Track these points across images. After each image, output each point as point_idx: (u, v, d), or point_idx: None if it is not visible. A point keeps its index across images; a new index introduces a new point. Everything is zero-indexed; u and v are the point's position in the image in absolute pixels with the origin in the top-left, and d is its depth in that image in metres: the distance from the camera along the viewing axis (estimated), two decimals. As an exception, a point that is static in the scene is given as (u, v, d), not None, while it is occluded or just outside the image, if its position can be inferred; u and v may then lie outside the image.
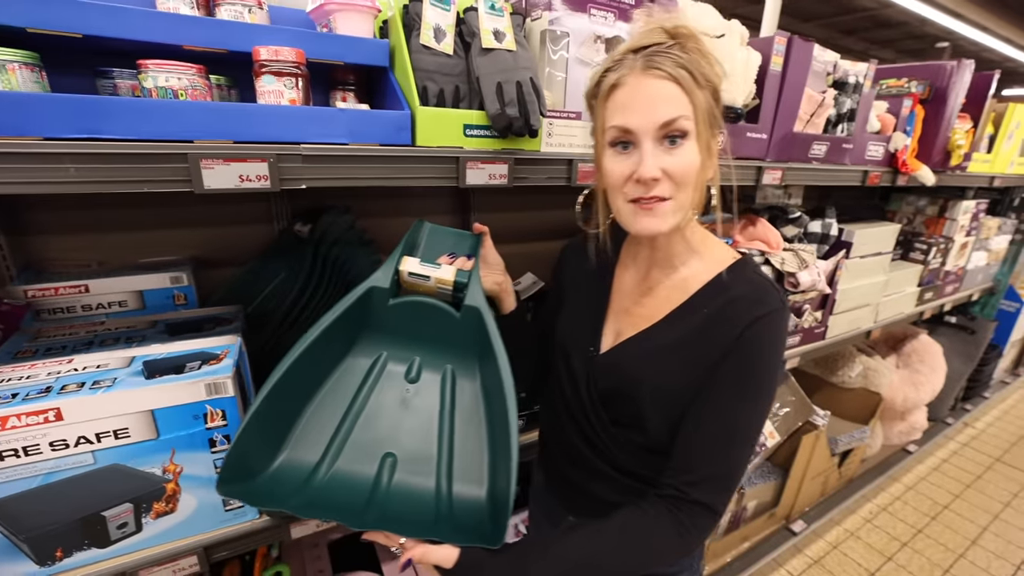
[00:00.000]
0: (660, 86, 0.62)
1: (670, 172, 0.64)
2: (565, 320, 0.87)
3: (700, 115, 0.63)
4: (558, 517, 0.92)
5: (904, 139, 1.61)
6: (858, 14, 7.77)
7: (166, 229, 1.15)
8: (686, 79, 0.62)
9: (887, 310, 1.97)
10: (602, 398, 0.78)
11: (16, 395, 0.68)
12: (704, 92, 0.63)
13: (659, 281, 0.77)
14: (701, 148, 0.64)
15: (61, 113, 0.59)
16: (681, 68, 0.62)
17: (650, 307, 0.77)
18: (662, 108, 0.62)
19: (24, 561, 0.73)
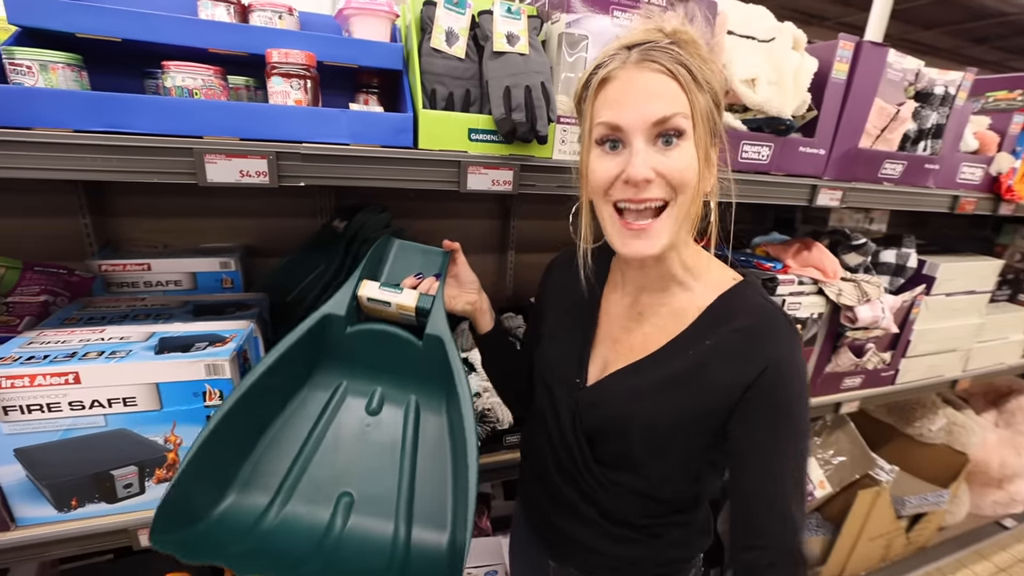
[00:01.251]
0: (656, 80, 0.56)
1: (664, 173, 0.57)
2: (548, 347, 0.79)
3: (699, 116, 0.57)
4: (542, 565, 0.84)
5: (1011, 161, 1.37)
6: (992, 20, 6.83)
7: (225, 218, 1.26)
8: (684, 76, 0.56)
9: (981, 358, 1.69)
10: (588, 436, 0.71)
11: (47, 357, 0.77)
12: (704, 95, 0.57)
13: (651, 307, 0.69)
14: (699, 154, 0.57)
15: (87, 109, 0.65)
16: (680, 65, 0.56)
17: (641, 336, 0.69)
18: (656, 103, 0.56)
19: (45, 504, 0.81)
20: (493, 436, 1.08)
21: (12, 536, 0.80)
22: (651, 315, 0.69)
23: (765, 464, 0.60)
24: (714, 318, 0.64)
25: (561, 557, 0.80)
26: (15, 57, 0.65)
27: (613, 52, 0.59)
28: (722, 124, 0.62)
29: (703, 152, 0.58)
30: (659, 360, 0.66)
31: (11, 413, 0.75)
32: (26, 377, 0.74)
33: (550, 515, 0.79)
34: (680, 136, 0.57)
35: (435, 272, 0.82)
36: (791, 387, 0.60)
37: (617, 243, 0.62)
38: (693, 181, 0.57)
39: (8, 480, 0.78)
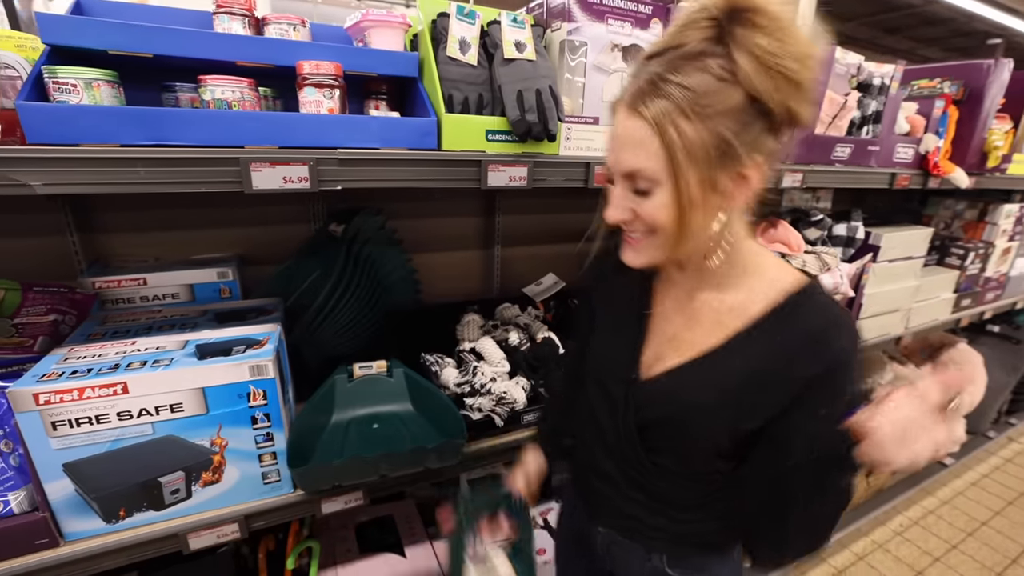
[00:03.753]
0: (632, 129, 0.55)
1: (639, 216, 0.59)
2: (600, 341, 0.80)
3: (684, 157, 0.53)
4: (589, 528, 0.90)
5: (935, 141, 1.59)
6: (902, 11, 7.49)
7: (215, 229, 1.27)
8: (664, 115, 0.52)
9: (919, 316, 1.93)
10: (641, 426, 0.73)
11: (91, 370, 0.78)
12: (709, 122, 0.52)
13: (707, 304, 0.68)
14: (689, 192, 0.54)
15: (136, 123, 0.68)
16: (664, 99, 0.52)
17: (698, 332, 0.68)
18: (627, 155, 0.56)
19: (93, 517, 0.82)
20: (512, 416, 1.16)
21: (61, 552, 0.81)
22: (707, 311, 0.68)
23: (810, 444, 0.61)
24: (780, 317, 0.63)
25: (608, 523, 0.85)
26: (58, 76, 0.67)
27: (637, 67, 0.58)
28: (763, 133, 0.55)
29: (697, 188, 0.54)
30: (719, 357, 0.65)
31: (60, 428, 0.76)
32: (75, 391, 0.75)
33: (599, 490, 0.83)
34: (653, 184, 0.56)
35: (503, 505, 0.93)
36: (850, 379, 0.62)
37: (623, 249, 0.67)
38: (673, 224, 0.57)
39: (56, 496, 0.79)
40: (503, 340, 1.33)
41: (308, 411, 1.04)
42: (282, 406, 0.90)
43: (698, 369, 0.67)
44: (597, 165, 1.01)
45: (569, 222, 1.74)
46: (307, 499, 0.97)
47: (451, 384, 1.18)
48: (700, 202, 0.55)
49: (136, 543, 0.85)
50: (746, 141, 0.54)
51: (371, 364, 1.15)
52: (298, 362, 1.12)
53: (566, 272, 1.63)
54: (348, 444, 1.05)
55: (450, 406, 1.06)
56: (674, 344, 0.71)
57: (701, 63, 0.52)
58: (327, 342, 1.19)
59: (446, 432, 1.01)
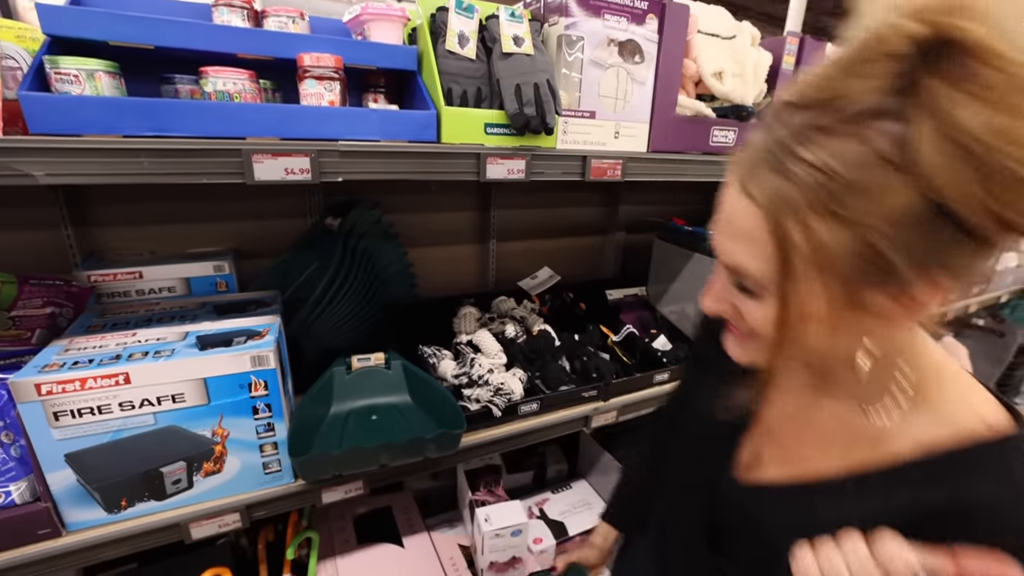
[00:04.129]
0: (739, 212, 0.40)
1: (742, 315, 0.45)
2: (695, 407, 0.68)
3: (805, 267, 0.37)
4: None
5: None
6: (891, 9, 7.60)
7: (210, 222, 1.27)
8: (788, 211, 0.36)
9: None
10: (713, 527, 0.61)
11: (92, 360, 0.79)
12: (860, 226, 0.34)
13: (838, 416, 0.51)
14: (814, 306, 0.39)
15: (138, 113, 0.69)
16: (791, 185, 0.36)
17: (815, 447, 0.53)
18: (727, 245, 0.43)
19: (95, 507, 0.83)
20: (510, 407, 1.18)
21: (64, 542, 0.82)
22: (834, 426, 0.52)
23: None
24: (947, 469, 0.43)
25: None
26: (60, 66, 0.68)
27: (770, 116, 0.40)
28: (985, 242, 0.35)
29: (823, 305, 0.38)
30: (834, 493, 0.49)
31: (62, 418, 0.77)
32: (76, 381, 0.76)
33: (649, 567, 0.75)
34: (760, 289, 0.42)
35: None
36: None
37: None
38: (785, 342, 0.42)
39: (58, 486, 0.80)
40: (500, 333, 1.35)
41: (307, 403, 1.05)
42: (283, 396, 0.91)
43: (803, 498, 0.52)
44: (594, 159, 1.03)
45: (563, 216, 1.76)
46: (308, 489, 0.98)
47: (449, 376, 1.20)
48: (825, 320, 0.39)
49: (138, 533, 0.86)
50: (919, 255, 0.35)
51: (369, 356, 1.16)
52: (296, 355, 1.13)
53: (561, 266, 1.65)
54: (347, 435, 1.07)
55: (448, 397, 1.08)
56: (779, 451, 0.56)
57: (861, 132, 0.33)
58: (324, 335, 1.21)
59: (444, 423, 1.03)
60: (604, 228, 1.85)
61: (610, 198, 1.81)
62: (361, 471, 1.01)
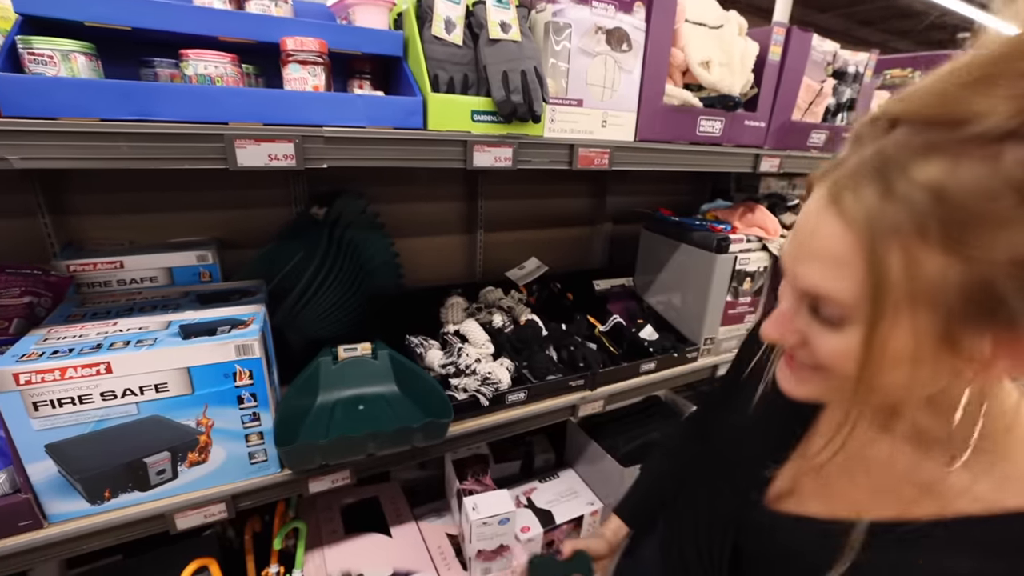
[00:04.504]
0: (825, 231, 0.36)
1: (811, 347, 0.41)
2: (734, 426, 0.65)
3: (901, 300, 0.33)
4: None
5: (906, 128, 1.66)
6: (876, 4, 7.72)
7: (191, 212, 1.26)
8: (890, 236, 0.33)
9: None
10: (740, 548, 0.58)
11: (72, 350, 0.78)
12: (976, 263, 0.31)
13: (895, 459, 0.47)
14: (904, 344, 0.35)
15: (117, 96, 0.68)
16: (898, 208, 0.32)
17: (866, 488, 0.49)
18: (806, 268, 0.39)
19: (77, 499, 0.83)
20: (497, 396, 1.19)
21: (45, 533, 0.82)
22: (889, 469, 0.47)
23: None
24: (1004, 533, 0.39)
25: None
26: (34, 47, 0.66)
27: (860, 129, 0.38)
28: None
29: (912, 342, 0.35)
30: (880, 540, 0.44)
31: (41, 408, 0.76)
32: (56, 371, 0.75)
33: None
34: (836, 322, 0.38)
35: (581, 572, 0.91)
36: None
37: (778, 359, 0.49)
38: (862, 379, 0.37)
39: (39, 477, 0.79)
40: (487, 323, 1.37)
41: (293, 393, 1.05)
42: (268, 386, 0.91)
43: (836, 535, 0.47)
44: (581, 147, 1.04)
45: (550, 207, 1.77)
46: (294, 478, 0.99)
47: (436, 366, 1.21)
48: (911, 359, 0.36)
49: (122, 524, 0.86)
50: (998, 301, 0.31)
51: (356, 346, 1.17)
52: (281, 345, 1.13)
53: (548, 256, 1.66)
54: (334, 425, 1.07)
55: (435, 386, 1.09)
56: (823, 485, 0.52)
57: (990, 155, 0.30)
58: (310, 325, 1.21)
59: (432, 412, 1.04)
60: (591, 218, 1.87)
61: (597, 188, 1.83)
62: (348, 460, 1.02)
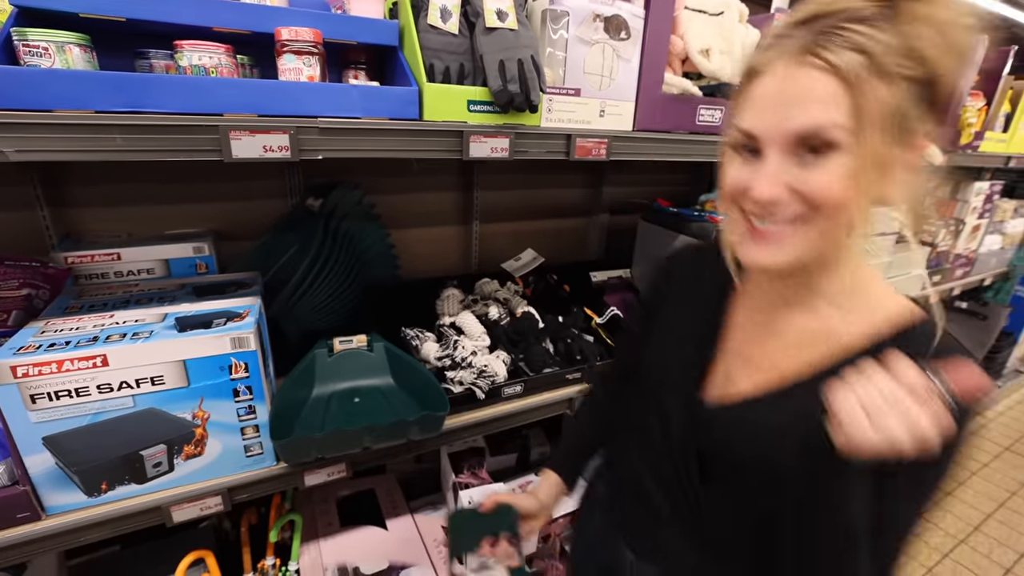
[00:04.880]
0: (810, 80, 0.48)
1: (802, 191, 0.50)
2: (662, 347, 0.74)
3: (871, 120, 0.47)
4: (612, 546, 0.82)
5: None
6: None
7: (189, 203, 1.28)
8: (855, 69, 0.46)
9: (891, 291, 2.04)
10: (701, 455, 0.66)
11: (69, 343, 0.80)
12: (894, 85, 0.47)
13: (794, 323, 0.61)
14: (866, 163, 0.48)
15: (111, 88, 0.69)
16: (857, 52, 0.46)
17: (778, 357, 0.61)
18: (801, 111, 0.49)
19: (75, 491, 0.85)
20: (493, 389, 1.22)
21: (43, 525, 0.84)
22: (793, 332, 0.61)
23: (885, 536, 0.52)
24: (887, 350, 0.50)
25: (643, 556, 0.77)
26: (29, 38, 0.67)
27: (785, 29, 0.51)
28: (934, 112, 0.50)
29: (874, 161, 0.48)
30: (800, 391, 0.58)
31: (39, 401, 0.78)
32: (53, 363, 0.77)
33: (636, 514, 0.78)
34: (830, 148, 0.49)
35: (504, 528, 0.88)
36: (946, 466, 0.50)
37: (741, 248, 0.57)
38: (840, 201, 0.49)
39: (37, 469, 0.81)
40: (483, 315, 1.38)
41: (289, 385, 1.07)
42: (264, 379, 0.93)
43: (778, 400, 0.60)
44: (578, 137, 1.05)
45: (547, 197, 1.78)
46: (290, 471, 1.01)
47: (432, 358, 1.23)
48: (872, 178, 0.49)
49: (119, 516, 0.88)
50: (917, 117, 0.49)
51: (351, 338, 1.19)
52: (277, 337, 1.15)
53: (544, 247, 1.68)
54: (330, 417, 1.09)
55: (431, 379, 1.11)
56: (749, 364, 0.64)
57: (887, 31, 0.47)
58: (306, 317, 1.22)
59: (427, 405, 1.06)
60: (588, 209, 1.88)
61: (594, 179, 1.84)
62: (344, 454, 1.04)
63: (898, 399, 0.42)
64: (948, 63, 0.48)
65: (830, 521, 0.51)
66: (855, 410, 0.44)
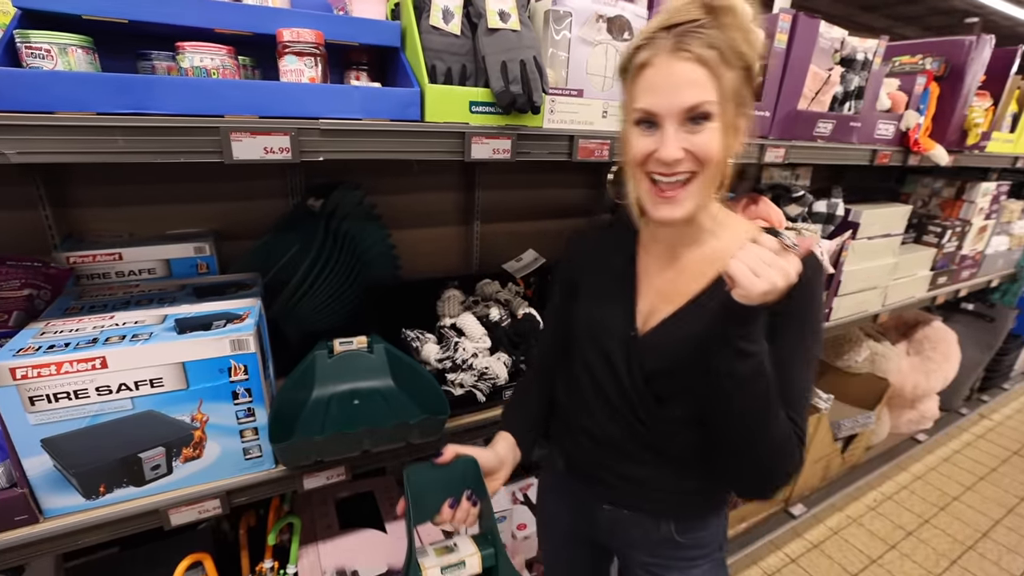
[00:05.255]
0: (687, 69, 0.66)
1: (692, 151, 0.69)
2: (591, 307, 0.89)
3: (726, 96, 0.67)
4: (586, 504, 0.96)
5: (916, 117, 1.68)
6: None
7: (190, 203, 1.29)
8: (714, 60, 0.65)
9: (897, 294, 2.05)
10: (648, 378, 0.81)
11: (68, 344, 0.81)
12: (733, 71, 0.67)
13: (688, 257, 0.82)
14: (726, 127, 0.68)
15: (113, 90, 0.70)
16: (710, 48, 0.65)
17: (683, 283, 0.81)
18: (686, 92, 0.66)
19: (73, 493, 0.86)
20: (494, 391, 1.23)
21: (41, 528, 0.85)
22: (690, 264, 0.81)
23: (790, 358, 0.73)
24: None
25: (614, 498, 0.92)
26: (31, 40, 0.68)
27: (651, 35, 0.69)
28: (751, 91, 0.72)
29: (729, 124, 0.69)
30: (706, 299, 0.78)
31: (37, 403, 0.79)
32: (52, 365, 0.78)
33: (602, 461, 0.90)
34: (707, 118, 0.67)
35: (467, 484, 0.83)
36: (814, 303, 0.75)
37: (650, 208, 0.75)
38: (718, 155, 0.69)
39: (35, 472, 0.82)
40: (484, 316, 1.39)
41: (288, 387, 1.08)
42: (263, 381, 0.94)
43: (685, 316, 0.80)
44: (581, 138, 1.06)
45: (548, 198, 1.79)
46: (289, 474, 1.02)
47: (432, 360, 1.24)
48: (730, 139, 0.70)
49: (117, 519, 0.89)
50: (745, 94, 0.71)
51: (351, 340, 1.20)
52: (277, 338, 1.16)
53: (546, 248, 1.69)
54: (329, 420, 1.10)
55: (432, 382, 1.12)
56: (665, 297, 0.83)
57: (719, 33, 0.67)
58: (306, 318, 1.24)
59: (428, 408, 1.07)
60: (589, 210, 1.89)
61: (596, 179, 1.85)
62: (343, 457, 1.05)
63: (769, 258, 0.62)
64: (753, 55, 0.68)
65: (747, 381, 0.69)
66: (745, 270, 0.62)
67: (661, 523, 0.89)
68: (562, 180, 1.79)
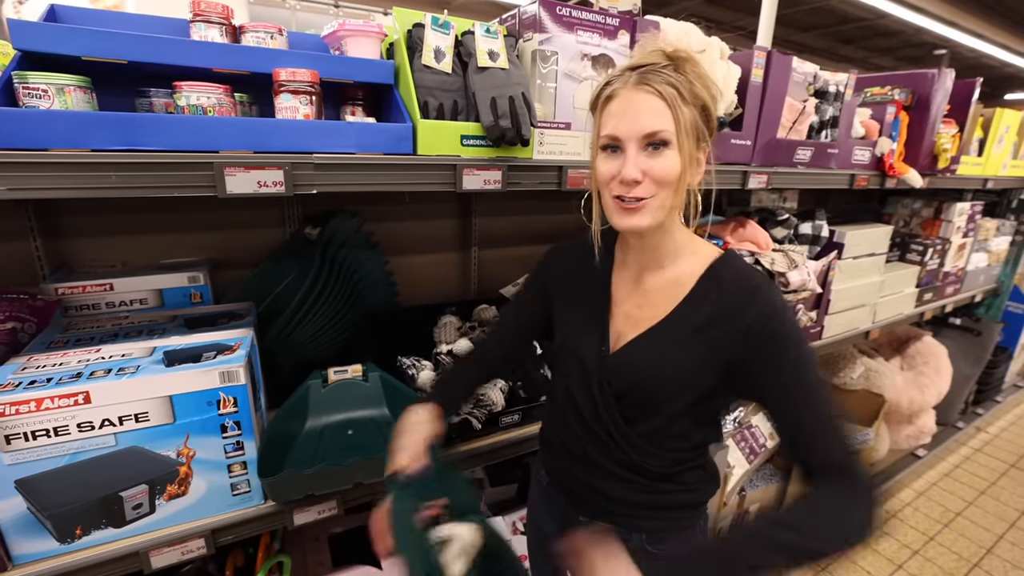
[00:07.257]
0: (647, 100, 0.72)
1: (651, 174, 0.73)
2: (570, 325, 0.93)
3: (683, 128, 0.72)
4: (567, 516, 0.97)
5: (889, 143, 1.72)
6: (855, 24, 8.04)
7: (185, 233, 1.27)
8: (672, 96, 0.71)
9: (885, 311, 2.06)
10: (617, 396, 0.84)
11: (50, 379, 0.78)
12: (690, 108, 0.72)
13: (652, 283, 0.85)
14: (683, 157, 0.73)
15: (107, 127, 0.70)
16: (669, 86, 0.71)
17: (649, 308, 0.84)
18: (646, 119, 0.72)
19: (46, 537, 0.81)
20: (490, 418, 1.20)
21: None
22: (654, 290, 0.84)
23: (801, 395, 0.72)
24: (709, 282, 0.80)
25: (588, 509, 0.93)
26: (29, 81, 0.68)
27: (619, 73, 0.75)
28: (711, 129, 0.76)
29: (687, 156, 0.73)
30: (670, 323, 0.81)
31: (14, 442, 0.75)
32: (32, 402, 0.75)
33: (579, 476, 0.92)
34: (665, 145, 0.72)
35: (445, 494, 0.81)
36: (784, 320, 0.74)
37: (615, 220, 0.78)
38: (675, 179, 0.73)
39: (6, 516, 0.78)
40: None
41: (280, 418, 1.05)
42: (253, 413, 0.91)
43: (653, 337, 0.83)
44: (570, 168, 1.07)
45: (545, 223, 1.80)
46: (278, 510, 0.98)
47: (428, 387, 1.21)
48: (688, 163, 0.74)
49: (92, 564, 0.84)
50: (703, 130, 0.76)
51: (346, 368, 1.17)
52: (271, 368, 1.13)
53: (540, 275, 1.68)
54: (322, 451, 1.07)
55: None
56: (631, 320, 0.86)
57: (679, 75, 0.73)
58: (301, 346, 1.21)
59: None
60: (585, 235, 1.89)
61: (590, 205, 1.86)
62: (335, 490, 1.01)
63: None
64: (707, 96, 0.74)
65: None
66: None
67: (633, 535, 0.90)
68: (560, 206, 1.80)
